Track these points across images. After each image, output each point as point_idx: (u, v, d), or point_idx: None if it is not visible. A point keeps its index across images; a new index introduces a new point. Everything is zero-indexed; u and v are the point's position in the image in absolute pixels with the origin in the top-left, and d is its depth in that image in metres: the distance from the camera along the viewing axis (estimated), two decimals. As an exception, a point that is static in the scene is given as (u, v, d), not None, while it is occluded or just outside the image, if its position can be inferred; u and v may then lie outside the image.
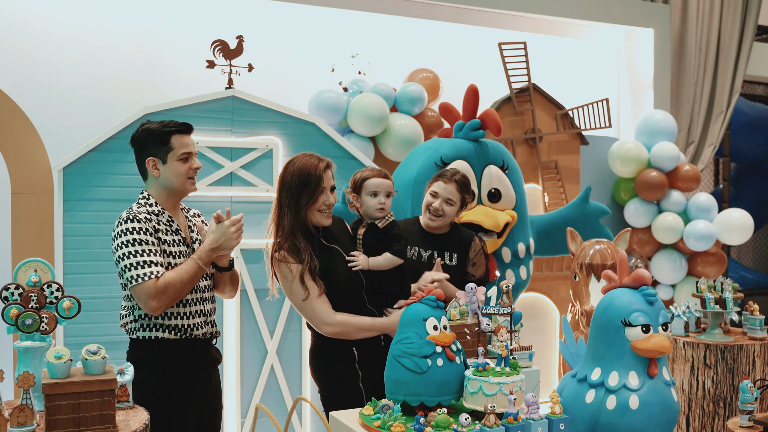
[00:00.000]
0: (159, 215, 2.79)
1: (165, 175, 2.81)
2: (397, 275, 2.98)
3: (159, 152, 2.80)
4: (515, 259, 4.24)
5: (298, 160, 2.91)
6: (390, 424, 2.12)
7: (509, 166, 4.29)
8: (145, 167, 2.83)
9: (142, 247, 2.63)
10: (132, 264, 2.61)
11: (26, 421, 2.11)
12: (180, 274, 2.67)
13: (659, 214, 5.97)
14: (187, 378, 2.77)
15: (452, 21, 6.04)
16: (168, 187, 2.83)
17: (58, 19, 4.82)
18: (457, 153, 4.15)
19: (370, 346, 2.91)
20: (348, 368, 2.89)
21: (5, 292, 2.43)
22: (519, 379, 2.20)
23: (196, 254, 2.76)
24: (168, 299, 2.63)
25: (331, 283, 2.87)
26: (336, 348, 2.90)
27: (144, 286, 2.59)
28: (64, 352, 2.16)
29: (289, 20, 5.49)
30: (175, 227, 2.82)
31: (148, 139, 2.80)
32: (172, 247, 2.76)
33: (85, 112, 4.76)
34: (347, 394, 2.84)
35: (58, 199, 3.96)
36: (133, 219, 2.68)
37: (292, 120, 4.46)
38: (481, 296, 2.43)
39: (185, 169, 2.82)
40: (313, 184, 2.85)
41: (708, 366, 3.81)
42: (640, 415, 2.72)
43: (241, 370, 4.31)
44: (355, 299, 2.92)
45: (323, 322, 2.85)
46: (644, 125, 6.04)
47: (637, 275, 2.90)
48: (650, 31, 6.59)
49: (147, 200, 2.83)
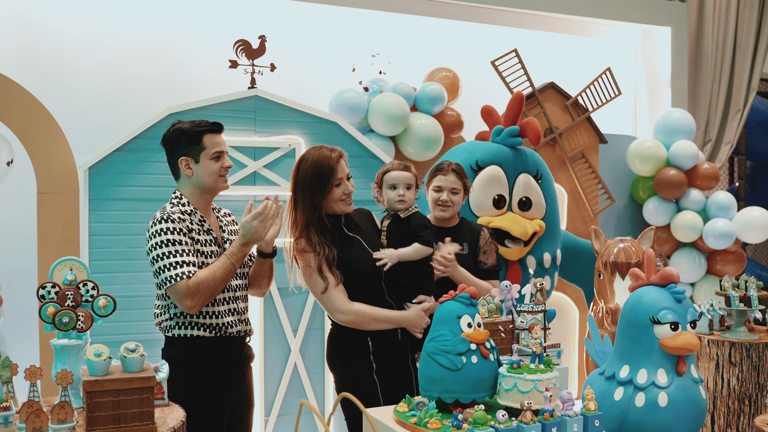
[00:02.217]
0: (192, 215, 2.82)
1: (198, 174, 2.85)
2: (418, 268, 2.99)
3: (191, 152, 2.84)
4: (540, 269, 4.24)
5: (310, 156, 2.97)
6: (426, 421, 2.13)
7: (543, 176, 4.30)
8: (178, 167, 2.88)
9: (176, 247, 2.67)
10: (166, 265, 2.65)
11: (66, 418, 2.14)
12: (213, 272, 2.71)
13: (678, 212, 5.96)
14: (222, 375, 2.80)
15: (471, 20, 6.06)
16: (201, 186, 2.87)
17: (82, 21, 4.87)
18: (492, 158, 4.16)
19: (387, 338, 2.92)
20: (362, 359, 2.92)
21: (42, 290, 2.47)
22: (553, 376, 2.21)
23: (229, 250, 2.80)
24: (202, 297, 2.67)
25: (349, 273, 2.92)
26: (351, 337, 2.94)
27: (178, 285, 2.64)
28: (103, 349, 2.19)
29: (311, 20, 5.52)
30: (206, 227, 2.85)
31: (181, 139, 2.84)
32: (205, 246, 2.79)
33: (110, 113, 4.80)
34: (361, 385, 2.88)
35: (83, 199, 4.00)
36: (168, 219, 2.72)
37: (314, 119, 4.48)
38: (515, 293, 2.45)
39: (218, 168, 2.87)
40: (326, 178, 2.91)
41: (733, 364, 3.81)
42: (669, 412, 2.73)
43: (264, 368, 4.33)
44: (374, 290, 2.95)
45: (338, 310, 2.90)
46: (662, 124, 6.03)
47: (665, 273, 2.91)
48: (667, 30, 6.59)
49: (180, 200, 2.87)
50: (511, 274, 4.09)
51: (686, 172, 5.94)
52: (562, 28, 6.46)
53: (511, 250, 4.06)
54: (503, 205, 4.13)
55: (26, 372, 2.27)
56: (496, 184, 4.13)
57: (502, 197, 4.13)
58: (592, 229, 4.03)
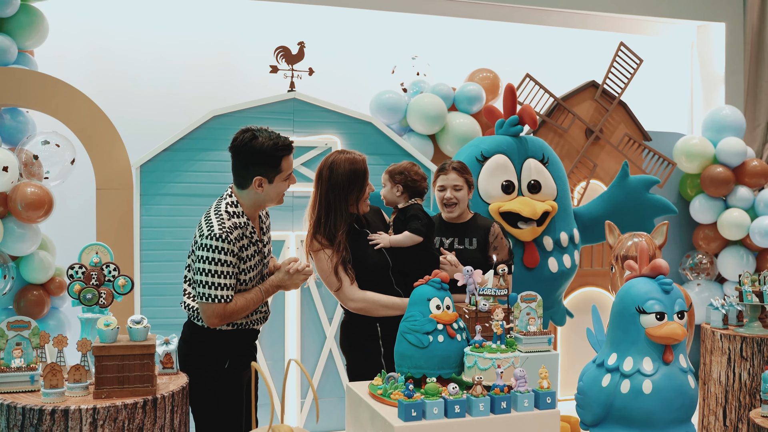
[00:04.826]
0: (244, 228, 2.82)
1: (267, 192, 2.85)
2: (422, 257, 3.16)
3: (268, 173, 2.81)
4: (558, 247, 4.38)
5: (342, 159, 3.09)
6: (390, 392, 2.34)
7: (549, 159, 4.45)
8: (249, 180, 2.82)
9: (223, 268, 2.71)
10: (208, 282, 2.71)
11: (81, 378, 2.47)
12: (248, 304, 2.84)
13: (725, 210, 5.90)
14: (239, 360, 2.98)
15: (516, 21, 6.17)
16: (264, 202, 2.89)
17: (141, 34, 5.34)
18: (496, 147, 4.35)
19: (394, 324, 3.11)
20: (372, 343, 3.12)
21: (70, 270, 2.81)
22: (512, 356, 2.37)
23: (263, 286, 2.93)
24: (230, 320, 2.83)
25: (359, 265, 3.11)
26: (361, 323, 3.14)
27: (213, 306, 2.74)
28: (111, 320, 2.51)
29: (352, 25, 5.80)
30: (255, 239, 2.88)
31: (259, 158, 2.79)
32: (249, 261, 2.88)
33: (162, 115, 5.21)
34: (369, 368, 3.05)
35: (136, 194, 4.39)
36: (225, 239, 2.72)
37: (350, 120, 4.73)
38: (478, 278, 2.61)
39: (286, 187, 2.93)
40: (362, 179, 3.09)
41: (744, 358, 3.82)
42: (653, 399, 2.83)
43: (302, 354, 4.61)
44: (383, 279, 3.14)
45: (349, 299, 3.10)
46: (711, 120, 5.98)
47: (655, 265, 3.00)
48: (722, 26, 6.49)
49: (236, 208, 2.84)
50: (527, 254, 4.25)
51: (734, 170, 5.88)
52: (615, 27, 6.47)
53: (524, 231, 4.21)
54: (513, 191, 4.30)
55: (54, 340, 2.61)
56: (503, 171, 4.31)
57: (511, 183, 4.30)
58: (607, 223, 4.11)
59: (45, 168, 4.51)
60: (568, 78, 5.94)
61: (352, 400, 2.56)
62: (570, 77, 5.94)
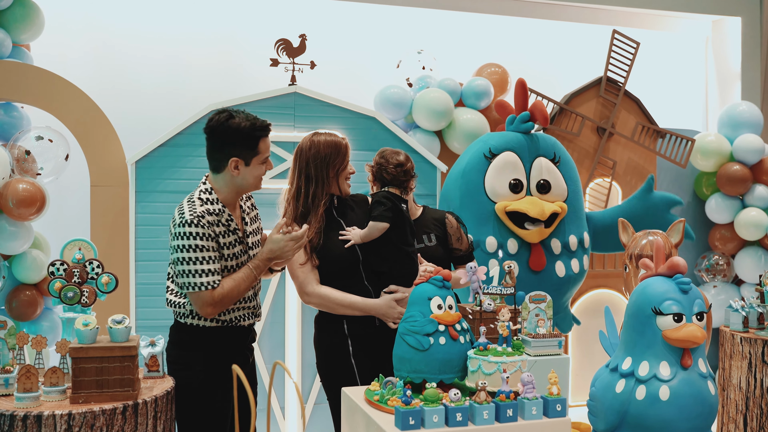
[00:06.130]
0: (219, 214, 2.73)
1: (244, 176, 2.77)
2: (385, 251, 2.95)
3: (245, 154, 2.74)
4: (566, 251, 4.19)
5: (321, 136, 3.04)
6: (387, 398, 2.18)
7: (561, 158, 4.28)
8: (223, 162, 2.75)
9: (203, 253, 2.62)
10: (190, 271, 2.61)
11: (58, 382, 2.32)
12: (237, 283, 2.71)
13: (743, 209, 5.72)
14: (228, 360, 2.85)
15: (527, 16, 6.01)
16: (241, 186, 2.80)
17: (134, 26, 5.19)
18: (505, 144, 4.19)
19: (363, 324, 2.95)
20: (340, 342, 2.98)
21: (51, 267, 2.67)
22: (519, 359, 2.20)
23: (253, 263, 2.79)
24: (224, 306, 2.71)
25: (325, 255, 2.96)
26: (328, 321, 3.02)
27: (203, 294, 2.63)
28: (90, 320, 2.36)
29: (356, 19, 5.64)
30: (233, 227, 2.79)
31: (236, 138, 2.72)
32: (229, 249, 2.76)
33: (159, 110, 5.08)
34: (337, 367, 2.95)
35: (131, 191, 4.25)
36: (198, 224, 2.64)
37: (353, 115, 4.58)
38: (482, 275, 2.44)
39: (263, 171, 2.83)
40: (342, 152, 3.01)
41: (766, 363, 3.63)
42: (671, 406, 2.66)
43: (302, 358, 4.45)
44: (352, 274, 2.98)
45: (304, 291, 2.98)
46: (727, 117, 5.81)
47: (672, 263, 2.83)
48: (738, 20, 6.31)
49: (209, 195, 2.76)
50: (533, 257, 4.07)
51: (751, 168, 5.71)
52: (627, 22, 6.30)
53: (531, 232, 4.04)
54: (521, 189, 4.13)
55: (33, 341, 2.47)
56: (511, 169, 4.15)
57: (519, 182, 4.14)
58: (620, 221, 3.94)
59: (38, 164, 4.38)
60: (578, 73, 5.77)
61: (347, 406, 2.40)
62: (580, 73, 5.76)
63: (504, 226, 4.11)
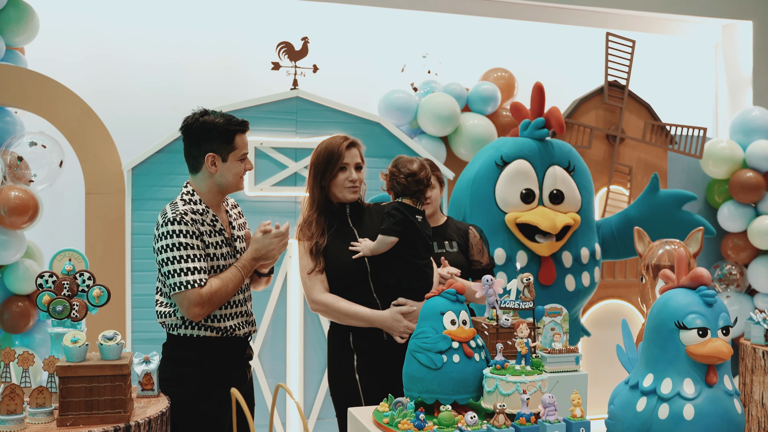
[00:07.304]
0: (203, 214, 2.69)
1: (222, 173, 2.72)
2: (394, 263, 2.83)
3: (221, 149, 2.70)
4: (577, 265, 4.04)
5: (325, 141, 2.98)
6: (398, 421, 2.03)
7: (576, 167, 4.12)
8: (200, 160, 2.71)
9: (187, 252, 2.57)
10: (176, 270, 2.55)
11: (45, 403, 2.17)
12: (225, 283, 2.64)
13: (756, 217, 5.59)
14: (225, 374, 2.75)
15: (534, 20, 5.90)
16: (221, 185, 2.76)
17: (131, 29, 5.06)
18: (518, 152, 4.04)
19: (369, 338, 2.82)
20: (345, 356, 2.86)
21: (40, 279, 2.52)
22: (539, 379, 2.05)
23: (240, 263, 2.72)
24: (212, 307, 2.61)
25: (333, 264, 2.86)
26: (336, 332, 2.90)
27: (188, 294, 2.55)
28: (80, 336, 2.21)
29: (360, 23, 5.53)
30: (218, 227, 2.74)
31: (211, 134, 2.69)
32: (216, 249, 2.70)
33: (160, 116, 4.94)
34: (342, 382, 2.84)
35: (127, 199, 4.12)
36: (180, 221, 2.59)
37: (357, 120, 4.45)
38: (499, 288, 2.30)
39: (242, 170, 2.77)
40: (334, 161, 2.88)
41: (790, 378, 3.49)
42: (696, 426, 2.51)
43: (304, 373, 4.32)
44: (360, 284, 2.85)
45: (310, 298, 2.88)
46: (739, 123, 5.69)
47: (696, 274, 2.68)
48: (749, 24, 6.18)
49: (192, 196, 2.72)
50: (543, 270, 3.91)
51: (765, 174, 5.60)
52: (635, 26, 6.18)
53: (542, 246, 3.89)
54: (533, 200, 3.99)
55: (19, 358, 2.32)
56: (523, 178, 4.00)
57: (531, 191, 3.99)
58: (636, 230, 3.79)
59: (32, 171, 4.24)
60: (588, 78, 5.65)
61: (354, 427, 2.25)
62: (590, 77, 5.65)
63: (514, 237, 3.97)
